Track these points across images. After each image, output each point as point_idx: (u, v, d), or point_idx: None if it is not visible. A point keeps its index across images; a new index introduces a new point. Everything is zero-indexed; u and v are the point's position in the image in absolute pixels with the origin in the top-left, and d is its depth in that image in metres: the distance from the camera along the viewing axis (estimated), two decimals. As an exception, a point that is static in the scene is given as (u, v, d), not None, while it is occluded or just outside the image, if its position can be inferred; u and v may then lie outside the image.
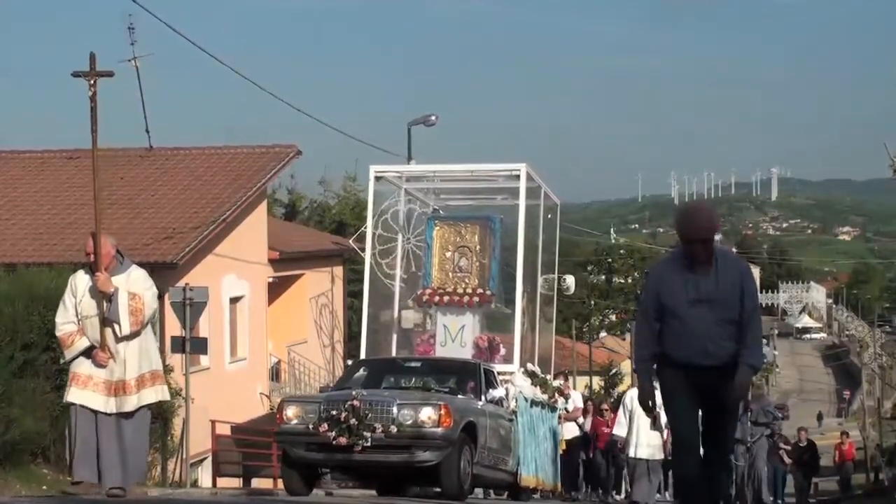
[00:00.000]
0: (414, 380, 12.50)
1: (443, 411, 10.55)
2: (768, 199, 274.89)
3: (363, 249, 16.32)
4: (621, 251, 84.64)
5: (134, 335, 8.46)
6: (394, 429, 10.43)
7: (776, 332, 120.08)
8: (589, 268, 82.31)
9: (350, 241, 25.82)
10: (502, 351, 15.07)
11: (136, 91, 23.77)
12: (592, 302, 71.98)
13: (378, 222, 15.91)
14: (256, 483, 19.60)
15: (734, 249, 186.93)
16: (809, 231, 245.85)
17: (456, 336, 15.07)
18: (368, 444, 10.41)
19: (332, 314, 27.23)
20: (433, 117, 27.07)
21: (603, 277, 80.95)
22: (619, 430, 14.93)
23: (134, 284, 8.48)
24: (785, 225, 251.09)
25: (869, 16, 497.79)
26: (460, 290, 15.22)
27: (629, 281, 78.17)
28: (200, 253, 20.33)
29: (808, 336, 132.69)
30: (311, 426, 10.70)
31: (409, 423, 10.52)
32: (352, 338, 25.07)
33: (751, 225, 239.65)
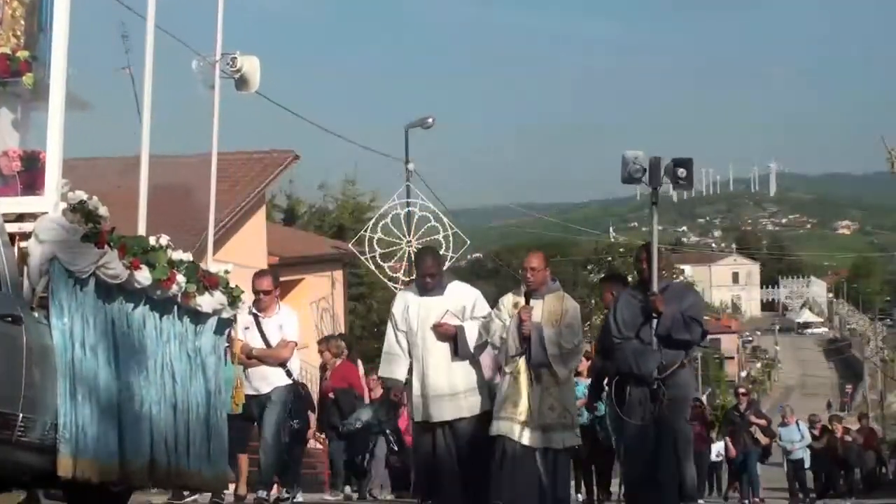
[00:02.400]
0: None
1: None
2: (767, 195, 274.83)
3: (363, 253, 16.36)
4: (620, 249, 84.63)
5: None
6: None
7: (777, 327, 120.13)
8: (588, 267, 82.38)
9: (350, 245, 25.81)
10: None
11: (132, 99, 23.76)
12: (593, 301, 71.93)
13: (377, 226, 15.94)
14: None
15: (734, 246, 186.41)
16: (809, 226, 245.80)
17: None
18: None
19: (333, 318, 27.22)
20: (430, 119, 26.98)
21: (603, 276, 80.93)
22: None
23: None
24: (784, 220, 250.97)
25: (867, 10, 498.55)
26: None
27: (629, 280, 78.15)
28: (199, 259, 20.32)
29: (809, 331, 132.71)
30: None
31: None
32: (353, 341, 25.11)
33: (750, 221, 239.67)
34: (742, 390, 19.53)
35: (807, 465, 19.59)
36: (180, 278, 7.41)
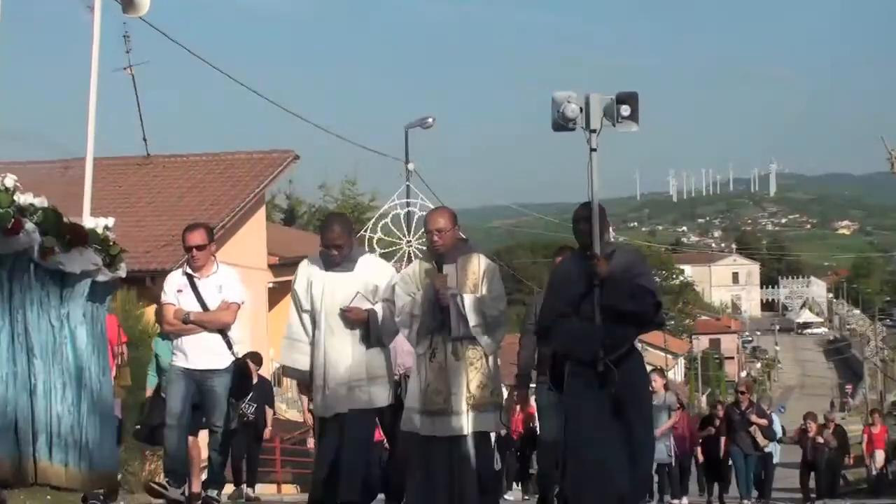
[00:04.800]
0: None
1: None
2: (767, 195, 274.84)
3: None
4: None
5: None
6: None
7: (777, 327, 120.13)
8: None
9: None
10: None
11: (133, 99, 23.79)
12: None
13: (377, 226, 15.92)
14: (260, 489, 19.54)
15: (734, 246, 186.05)
16: (808, 226, 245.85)
17: None
18: None
19: (333, 318, 27.20)
20: (430, 120, 26.97)
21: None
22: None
23: None
24: (784, 220, 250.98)
25: (867, 9, 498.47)
26: None
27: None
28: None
29: (809, 331, 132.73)
30: None
31: None
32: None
33: (749, 221, 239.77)
34: (742, 389, 19.00)
35: (775, 460, 18.72)
36: (30, 226, 5.76)
